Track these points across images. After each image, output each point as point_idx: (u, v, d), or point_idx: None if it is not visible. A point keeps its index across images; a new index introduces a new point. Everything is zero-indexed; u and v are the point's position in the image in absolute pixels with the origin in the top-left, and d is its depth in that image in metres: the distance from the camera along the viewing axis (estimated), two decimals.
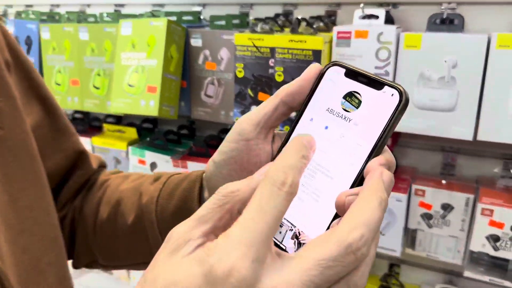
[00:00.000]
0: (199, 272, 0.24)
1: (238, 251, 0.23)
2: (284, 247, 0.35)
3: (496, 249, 0.88)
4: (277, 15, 1.07)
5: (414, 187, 0.95)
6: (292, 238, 0.34)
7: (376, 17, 0.88)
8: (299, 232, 0.34)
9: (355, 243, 0.25)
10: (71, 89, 1.25)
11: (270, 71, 0.95)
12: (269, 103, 0.39)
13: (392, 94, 0.33)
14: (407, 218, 0.98)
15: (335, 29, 0.88)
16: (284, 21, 1.03)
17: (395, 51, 0.85)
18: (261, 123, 0.39)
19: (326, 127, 0.36)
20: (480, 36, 0.79)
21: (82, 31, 1.20)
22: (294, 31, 0.92)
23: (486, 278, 0.91)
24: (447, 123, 0.85)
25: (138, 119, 1.37)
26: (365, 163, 0.33)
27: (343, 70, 0.37)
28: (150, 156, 1.18)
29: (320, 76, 0.38)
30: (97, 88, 1.20)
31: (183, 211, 0.47)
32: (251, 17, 1.13)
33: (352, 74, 0.37)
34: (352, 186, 0.33)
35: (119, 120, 1.39)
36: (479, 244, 0.89)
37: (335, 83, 0.37)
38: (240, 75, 0.99)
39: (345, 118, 0.36)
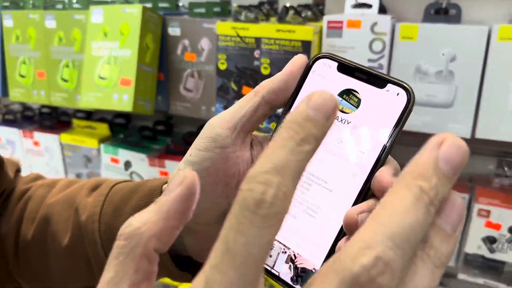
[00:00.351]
0: None
1: None
2: (277, 273, 0.31)
3: (492, 251, 0.84)
4: (261, 3, 1.00)
5: None
6: (286, 262, 0.31)
7: (369, 6, 0.82)
8: (294, 255, 0.30)
9: (364, 273, 0.16)
10: (37, 82, 1.15)
11: (255, 63, 0.89)
12: (248, 103, 0.33)
13: (398, 94, 0.29)
14: None
15: (326, 18, 0.82)
16: (269, 9, 0.96)
17: (390, 42, 0.80)
18: (239, 126, 0.33)
19: None
20: (480, 28, 0.75)
21: (49, 18, 1.10)
22: (281, 20, 0.86)
23: (480, 281, 0.88)
24: (443, 120, 0.80)
25: (110, 114, 1.28)
26: (371, 174, 0.29)
27: (335, 64, 0.32)
28: (124, 154, 1.10)
29: (306, 70, 0.33)
30: (65, 80, 1.11)
31: None
32: (233, 5, 1.06)
33: (347, 69, 0.32)
34: (356, 201, 0.29)
35: (90, 115, 1.30)
36: (475, 246, 0.85)
37: (326, 79, 0.32)
38: (223, 67, 0.92)
39: (342, 120, 0.31)
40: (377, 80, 0.30)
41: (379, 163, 0.29)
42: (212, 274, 0.16)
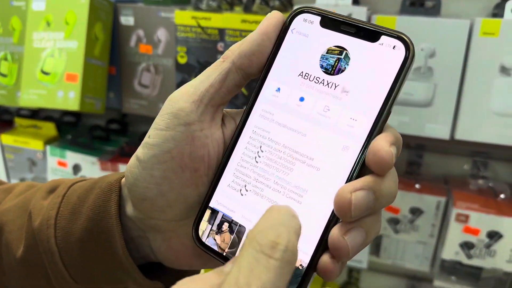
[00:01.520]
0: None
1: None
2: None
3: (469, 257, 0.81)
4: None
5: None
6: None
7: None
8: None
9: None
10: None
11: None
12: (215, 71, 0.29)
13: (394, 46, 0.25)
14: None
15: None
16: None
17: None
18: (205, 99, 0.28)
19: (302, 99, 0.28)
20: (461, 22, 0.70)
21: None
22: (247, 9, 0.78)
23: (457, 287, 0.84)
24: (421, 120, 0.75)
25: (57, 112, 1.17)
26: (366, 144, 0.25)
27: (318, 19, 0.28)
28: (73, 157, 0.99)
29: (284, 30, 0.29)
30: (3, 75, 0.98)
31: (94, 234, 0.32)
32: None
33: (332, 23, 0.28)
34: (350, 179, 0.25)
35: (35, 113, 1.18)
36: (452, 252, 0.81)
37: (308, 37, 0.28)
38: (183, 60, 0.84)
39: (328, 84, 0.27)
40: (369, 33, 0.26)
41: (375, 131, 0.25)
42: None
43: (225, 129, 0.30)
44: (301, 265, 0.26)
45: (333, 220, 0.25)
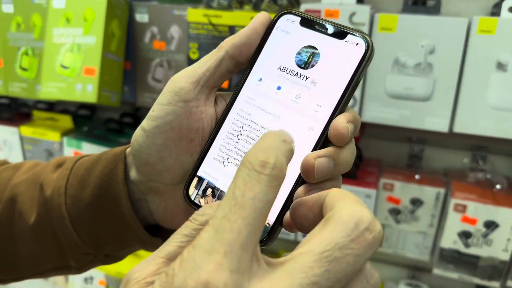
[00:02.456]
0: None
1: (210, 262, 0.17)
2: None
3: (467, 245, 0.84)
4: None
5: (383, 181, 0.89)
6: None
7: None
8: None
9: (367, 216, 0.19)
10: None
11: None
12: (211, 58, 0.34)
13: (357, 43, 0.31)
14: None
15: (304, 7, 0.79)
16: None
17: (368, 33, 0.77)
18: (202, 81, 0.34)
19: (279, 88, 0.33)
20: (459, 20, 0.73)
21: (6, 2, 1.02)
22: (256, 8, 0.82)
23: (455, 275, 0.87)
24: (421, 114, 0.78)
25: (73, 105, 1.22)
26: (327, 125, 0.30)
27: (298, 19, 0.33)
28: (89, 148, 1.04)
29: (270, 27, 0.34)
30: (24, 69, 1.03)
31: (102, 200, 0.37)
32: None
33: (308, 23, 0.33)
34: (314, 150, 0.31)
35: (52, 106, 1.23)
36: (450, 240, 0.85)
37: (289, 34, 0.33)
38: (194, 56, 0.88)
39: (301, 76, 0.32)
40: (338, 32, 0.31)
41: (335, 113, 0.30)
42: (222, 223, 0.18)
43: (217, 107, 0.35)
44: (268, 223, 0.30)
45: (298, 183, 0.30)
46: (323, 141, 0.30)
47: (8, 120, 1.18)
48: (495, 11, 0.77)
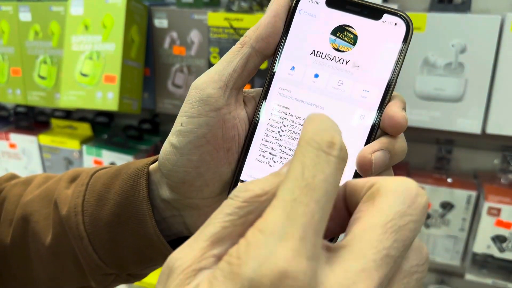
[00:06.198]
0: None
1: (286, 249, 0.15)
2: None
3: (502, 250, 0.81)
4: None
5: None
6: None
7: None
8: None
9: (413, 184, 0.18)
10: (12, 80, 1.07)
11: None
12: (236, 56, 0.31)
13: (396, 24, 0.29)
14: None
15: None
16: None
17: None
18: (230, 84, 0.30)
19: (316, 76, 0.30)
20: (492, 17, 0.70)
21: (23, 10, 1.02)
22: None
23: (489, 281, 0.84)
24: (452, 115, 0.76)
25: (91, 112, 1.21)
26: (379, 112, 0.28)
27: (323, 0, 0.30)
28: (109, 155, 1.03)
29: (291, 12, 0.31)
30: (43, 78, 1.03)
31: (123, 218, 0.34)
32: None
33: (337, 2, 0.30)
34: (367, 142, 0.29)
35: (69, 114, 1.22)
36: (484, 245, 0.82)
37: (316, 17, 0.30)
38: (215, 61, 0.86)
39: (340, 60, 0.30)
40: (372, 12, 0.29)
41: (386, 99, 0.29)
42: (293, 205, 0.16)
43: (247, 108, 0.32)
44: None
45: (356, 177, 0.29)
46: (376, 129, 0.29)
47: (26, 128, 1.17)
48: None
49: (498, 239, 0.81)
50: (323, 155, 0.17)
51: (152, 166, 0.35)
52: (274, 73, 0.31)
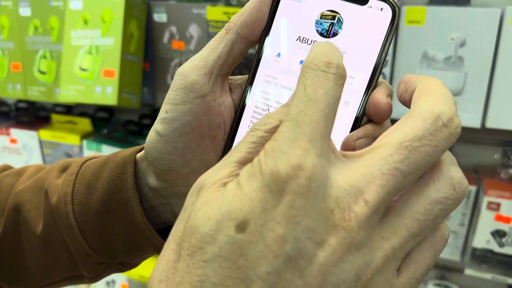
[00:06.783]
0: (256, 186, 0.18)
1: (297, 148, 0.18)
2: None
3: (501, 245, 0.81)
4: None
5: None
6: None
7: None
8: None
9: (445, 113, 0.19)
10: (12, 75, 1.07)
11: (250, 51, 0.83)
12: (221, 42, 0.30)
13: (382, 9, 0.28)
14: None
15: None
16: None
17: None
18: (215, 71, 0.30)
19: (301, 62, 0.30)
20: (492, 10, 0.70)
21: (23, 5, 1.02)
22: None
23: (488, 276, 0.84)
24: None
25: (92, 108, 1.21)
26: (364, 99, 0.28)
27: None
28: (109, 150, 1.03)
29: None
30: (43, 73, 1.03)
31: (112, 206, 0.34)
32: None
33: None
34: (352, 129, 0.28)
35: (70, 109, 1.22)
36: (483, 240, 0.82)
37: (301, 2, 0.30)
38: None
39: None
40: None
41: (371, 85, 0.28)
42: (299, 116, 0.18)
43: (233, 95, 0.32)
44: None
45: None
46: (361, 116, 0.29)
47: (27, 124, 1.18)
48: None
49: (498, 234, 0.80)
50: (322, 74, 0.19)
51: (139, 155, 0.35)
52: (260, 59, 0.31)
